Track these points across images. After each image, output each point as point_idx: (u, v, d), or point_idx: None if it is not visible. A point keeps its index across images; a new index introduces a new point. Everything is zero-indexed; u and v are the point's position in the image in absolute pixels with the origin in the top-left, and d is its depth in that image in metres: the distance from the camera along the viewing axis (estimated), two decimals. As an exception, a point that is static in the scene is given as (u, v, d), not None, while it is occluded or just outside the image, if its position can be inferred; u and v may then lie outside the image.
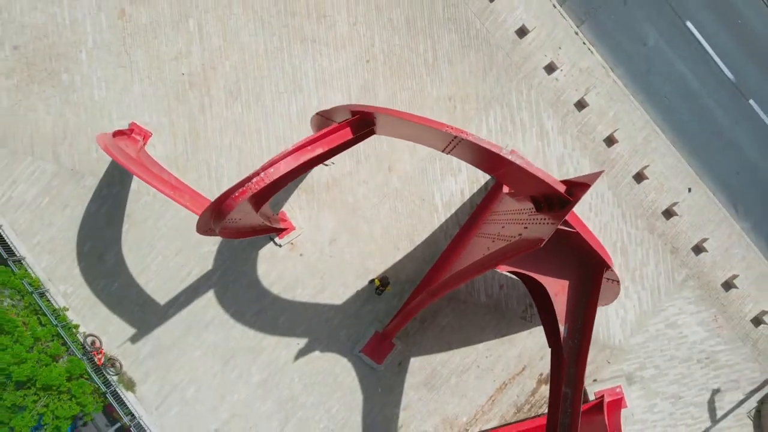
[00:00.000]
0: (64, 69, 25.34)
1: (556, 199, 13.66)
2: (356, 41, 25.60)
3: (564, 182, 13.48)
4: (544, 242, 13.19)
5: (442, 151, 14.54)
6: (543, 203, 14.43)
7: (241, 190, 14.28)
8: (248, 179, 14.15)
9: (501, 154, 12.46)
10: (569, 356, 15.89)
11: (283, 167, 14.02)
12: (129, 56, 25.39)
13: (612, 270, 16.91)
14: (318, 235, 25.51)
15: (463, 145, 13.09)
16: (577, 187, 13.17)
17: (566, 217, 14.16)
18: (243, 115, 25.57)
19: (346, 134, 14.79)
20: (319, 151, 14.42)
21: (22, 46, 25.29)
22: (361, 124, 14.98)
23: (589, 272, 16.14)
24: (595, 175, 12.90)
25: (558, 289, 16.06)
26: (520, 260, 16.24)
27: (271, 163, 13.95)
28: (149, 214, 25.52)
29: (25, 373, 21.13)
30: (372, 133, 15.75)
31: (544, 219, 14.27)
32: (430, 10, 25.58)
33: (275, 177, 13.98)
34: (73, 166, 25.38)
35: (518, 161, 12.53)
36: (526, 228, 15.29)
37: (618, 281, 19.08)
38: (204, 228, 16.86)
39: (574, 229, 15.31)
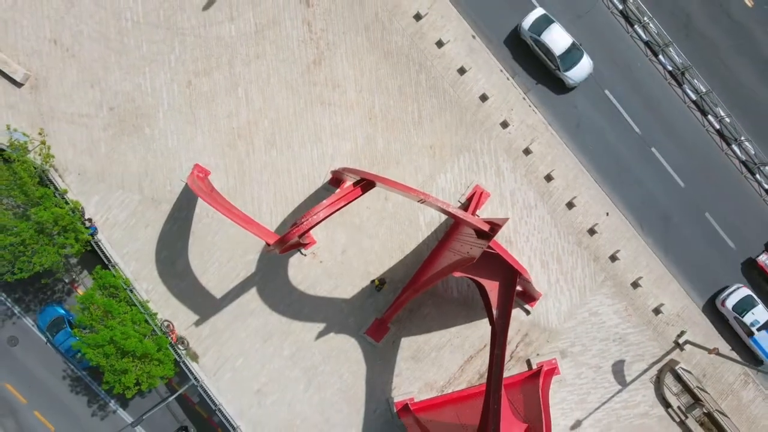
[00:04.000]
0: (147, 125, 34.36)
1: (485, 233, 22.85)
2: (361, 104, 34.58)
3: (488, 222, 22.65)
4: (475, 259, 22.30)
5: (418, 202, 23.72)
6: (479, 233, 23.64)
7: (296, 228, 23.39)
8: (300, 221, 23.28)
9: (448, 209, 21.56)
10: (499, 329, 25.03)
11: (321, 215, 23.19)
12: (194, 115, 34.37)
13: (525, 276, 26.03)
14: (333, 247, 34.52)
15: (428, 202, 22.23)
16: (496, 226, 22.36)
17: (491, 244, 23.36)
18: (277, 159, 34.53)
19: (357, 193, 24.01)
20: (342, 204, 23.62)
21: (116, 108, 34.28)
22: (367, 185, 24.14)
23: (510, 277, 25.30)
24: (504, 220, 22.11)
25: (491, 287, 25.16)
26: (467, 268, 25.32)
27: (314, 212, 23.08)
28: (208, 231, 34.55)
29: (133, 345, 30.23)
30: (374, 187, 24.91)
31: (480, 244, 23.43)
32: (416, 81, 34.57)
33: (316, 221, 23.11)
34: (153, 196, 34.40)
35: (459, 213, 21.66)
36: (471, 248, 24.43)
37: (531, 282, 28.13)
38: (271, 250, 26.03)
39: (495, 251, 24.48)
